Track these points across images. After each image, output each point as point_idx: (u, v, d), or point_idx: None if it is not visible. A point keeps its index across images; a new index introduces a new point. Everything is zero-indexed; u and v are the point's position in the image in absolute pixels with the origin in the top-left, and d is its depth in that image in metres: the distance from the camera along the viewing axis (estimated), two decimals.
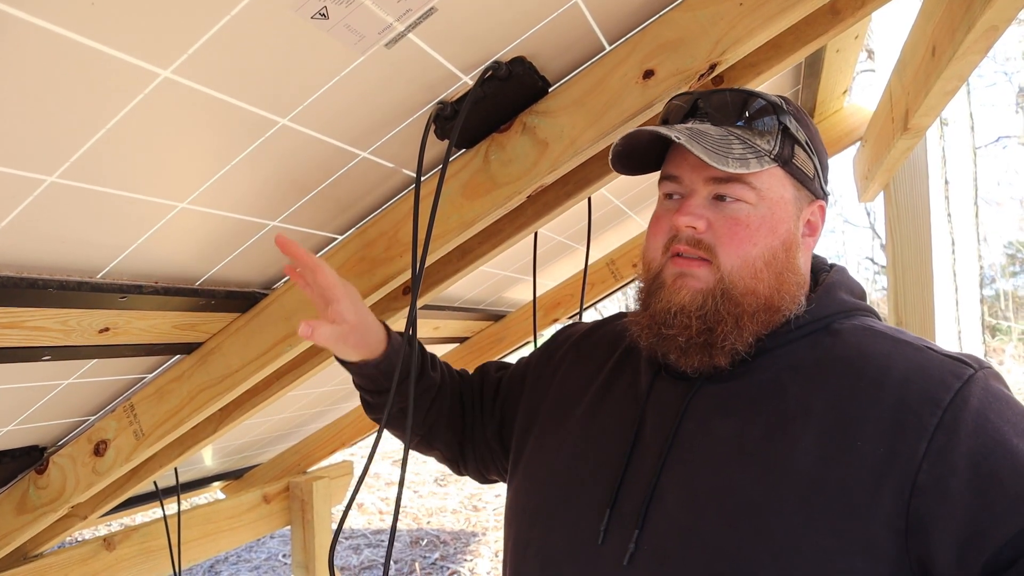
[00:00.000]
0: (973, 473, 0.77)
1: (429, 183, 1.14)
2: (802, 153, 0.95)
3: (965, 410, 0.80)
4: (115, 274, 1.01)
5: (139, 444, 1.33)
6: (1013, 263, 15.99)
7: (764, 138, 0.92)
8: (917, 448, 0.79)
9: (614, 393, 1.03)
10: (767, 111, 0.94)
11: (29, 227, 0.83)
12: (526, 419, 1.13)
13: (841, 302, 0.97)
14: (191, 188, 0.93)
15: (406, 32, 0.86)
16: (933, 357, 0.86)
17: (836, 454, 0.82)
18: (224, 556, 5.88)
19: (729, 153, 0.88)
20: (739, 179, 0.91)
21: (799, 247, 0.96)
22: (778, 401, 0.89)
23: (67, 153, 0.75)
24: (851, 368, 0.87)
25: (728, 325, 0.90)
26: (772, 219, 0.92)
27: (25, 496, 1.43)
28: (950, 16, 1.20)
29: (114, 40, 0.65)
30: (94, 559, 1.84)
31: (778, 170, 0.93)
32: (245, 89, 0.81)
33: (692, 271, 0.92)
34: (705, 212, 0.92)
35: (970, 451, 0.78)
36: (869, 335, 0.91)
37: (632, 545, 0.88)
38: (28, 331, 0.99)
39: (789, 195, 0.94)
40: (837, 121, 2.37)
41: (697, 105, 0.96)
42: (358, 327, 1.05)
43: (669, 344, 0.93)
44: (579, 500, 0.96)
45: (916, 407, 0.81)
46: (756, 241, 0.91)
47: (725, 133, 0.91)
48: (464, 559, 5.85)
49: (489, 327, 2.68)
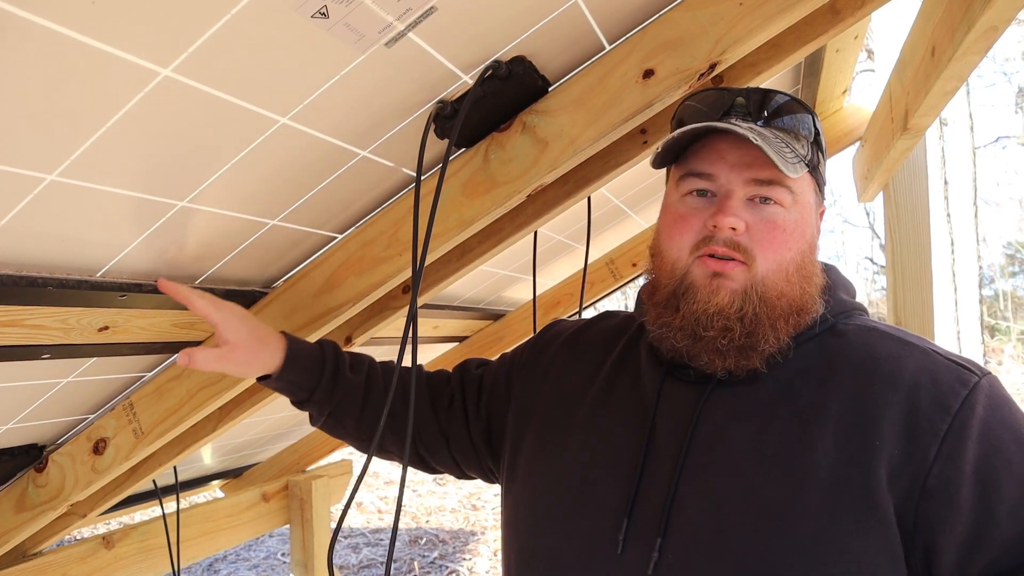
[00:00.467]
0: (977, 479, 0.80)
1: (429, 182, 1.14)
2: (823, 161, 0.97)
3: (972, 417, 0.82)
4: (115, 273, 1.01)
5: (138, 442, 1.33)
6: (1012, 263, 16.01)
7: (800, 142, 0.93)
8: (928, 452, 0.81)
9: (617, 395, 1.01)
10: (805, 117, 0.94)
11: (29, 225, 0.83)
12: (519, 420, 1.10)
13: (842, 303, 0.98)
14: (191, 187, 0.93)
15: (406, 31, 0.86)
16: (940, 361, 0.88)
17: (857, 455, 0.83)
18: (223, 555, 5.88)
19: (785, 156, 0.88)
20: (781, 182, 0.90)
21: (818, 251, 0.97)
22: (793, 404, 0.89)
23: (67, 151, 0.75)
24: (863, 369, 0.88)
25: (766, 328, 0.89)
26: (803, 224, 0.93)
27: (24, 494, 1.43)
28: (950, 16, 1.20)
29: (114, 39, 0.65)
30: (93, 557, 1.83)
31: (807, 175, 0.94)
32: (245, 88, 0.81)
33: (728, 272, 0.90)
34: (744, 214, 0.90)
35: (975, 457, 0.80)
36: (875, 335, 0.93)
37: (656, 553, 0.86)
38: (27, 329, 0.99)
39: (813, 200, 0.95)
40: (837, 121, 2.37)
41: (736, 102, 0.94)
42: (240, 346, 1.04)
43: (706, 346, 0.91)
44: (592, 507, 0.93)
45: (928, 412, 0.83)
46: (791, 246, 0.91)
47: (775, 135, 0.91)
48: (463, 558, 5.85)
49: (489, 326, 2.68)
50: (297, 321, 1.27)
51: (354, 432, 1.19)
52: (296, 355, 1.11)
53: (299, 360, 1.12)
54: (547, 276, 2.52)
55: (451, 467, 1.22)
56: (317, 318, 1.26)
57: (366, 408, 1.18)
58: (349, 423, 1.18)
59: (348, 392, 1.16)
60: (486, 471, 1.20)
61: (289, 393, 1.14)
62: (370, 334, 1.49)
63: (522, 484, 1.04)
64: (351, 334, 1.49)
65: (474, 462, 1.20)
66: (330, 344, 1.18)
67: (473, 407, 1.19)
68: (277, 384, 1.12)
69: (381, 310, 1.46)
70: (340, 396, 1.15)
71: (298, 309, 1.27)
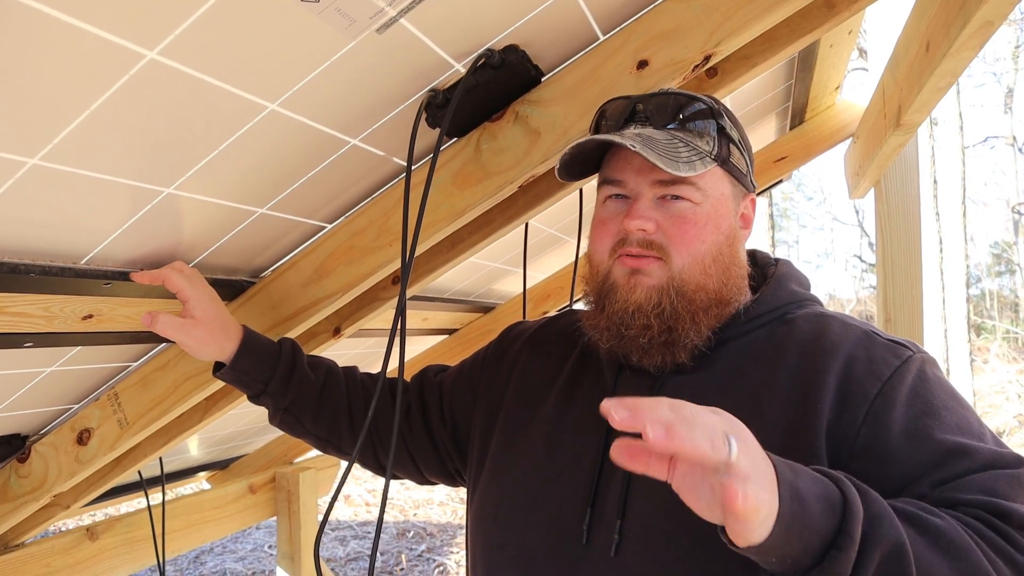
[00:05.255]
0: (907, 436, 0.84)
1: (420, 172, 1.13)
2: (736, 151, 0.99)
3: (902, 384, 0.87)
4: (99, 260, 1.00)
5: (123, 433, 1.32)
6: (999, 263, 16.14)
7: (703, 139, 0.96)
8: (858, 414, 0.86)
9: (580, 390, 1.04)
10: (704, 114, 0.97)
11: (10, 211, 0.81)
12: (486, 419, 1.12)
13: (792, 293, 1.01)
14: (178, 174, 0.91)
15: (398, 17, 0.84)
16: (878, 340, 0.93)
17: (802, 421, 0.87)
18: (209, 546, 5.86)
19: (678, 157, 0.91)
20: (685, 180, 0.93)
21: (740, 241, 1.00)
22: (744, 385, 0.93)
23: (50, 135, 0.74)
24: (808, 347, 0.93)
25: (686, 322, 0.93)
26: (716, 216, 0.95)
27: (6, 485, 1.41)
28: (945, 11, 1.19)
29: (99, 19, 0.63)
30: (77, 549, 1.82)
31: (718, 169, 0.96)
32: (233, 73, 0.79)
33: (644, 268, 0.93)
34: (653, 214, 0.94)
35: (903, 418, 0.85)
36: (821, 320, 0.97)
37: (616, 536, 0.89)
38: (9, 317, 0.97)
39: (728, 192, 0.98)
40: (829, 117, 2.37)
41: (636, 109, 0.97)
42: (202, 323, 1.08)
43: (631, 345, 0.95)
44: (556, 499, 0.96)
45: (860, 378, 0.88)
46: (704, 238, 0.94)
47: (670, 137, 0.94)
48: (450, 551, 5.85)
49: (478, 319, 2.67)
50: (285, 311, 1.26)
51: (312, 430, 1.19)
52: (252, 345, 1.13)
53: (254, 350, 1.13)
54: (537, 269, 2.51)
55: (412, 473, 1.23)
56: (305, 308, 1.25)
57: (323, 407, 1.18)
58: (306, 420, 1.18)
59: (304, 388, 1.16)
60: (450, 474, 1.21)
61: (244, 386, 1.15)
62: (359, 325, 1.48)
63: (489, 480, 1.06)
64: (340, 325, 1.48)
65: (436, 467, 1.21)
66: (289, 341, 1.19)
67: (436, 413, 1.19)
68: (232, 375, 1.13)
69: (370, 301, 1.45)
70: (295, 391, 1.15)
71: (286, 299, 1.26)
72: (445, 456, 1.19)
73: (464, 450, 1.17)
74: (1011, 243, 14.94)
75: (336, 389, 1.19)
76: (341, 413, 1.19)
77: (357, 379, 1.23)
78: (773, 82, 1.98)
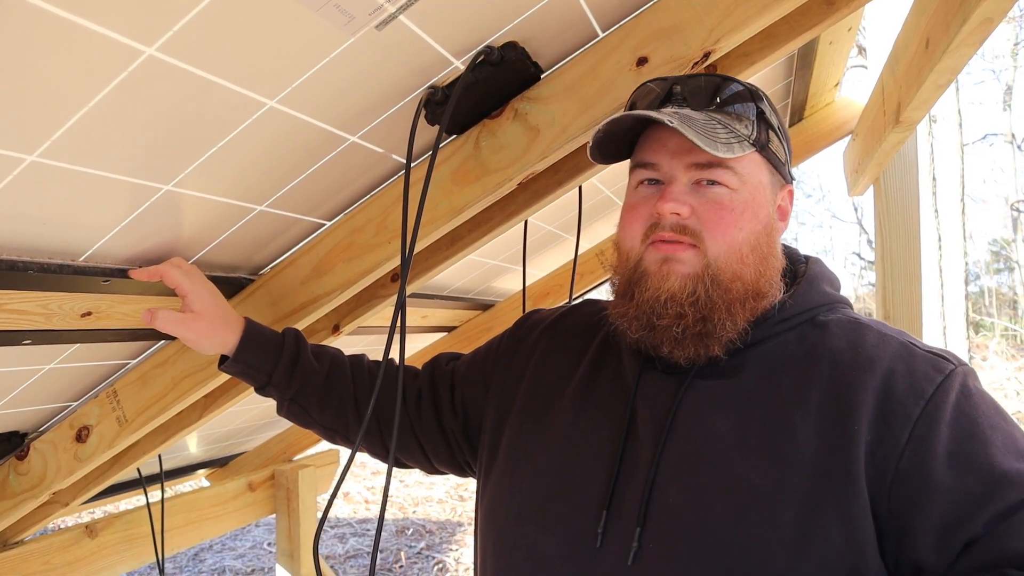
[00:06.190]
0: (951, 462, 0.80)
1: (419, 169, 1.13)
2: (775, 138, 0.95)
3: (946, 403, 0.82)
4: (98, 257, 0.99)
5: (122, 430, 1.32)
6: (997, 260, 16.15)
7: (742, 123, 0.92)
8: (901, 436, 0.81)
9: (599, 385, 1.00)
10: (743, 96, 0.93)
11: (8, 207, 0.81)
12: (499, 410, 1.08)
13: (824, 294, 0.97)
14: (176, 170, 0.91)
15: (397, 14, 0.84)
16: (917, 352, 0.88)
17: (838, 442, 0.83)
18: (208, 544, 5.86)
19: (716, 138, 0.87)
20: (722, 164, 0.89)
21: (777, 232, 0.96)
22: (774, 395, 0.88)
23: (48, 131, 0.73)
24: (842, 358, 0.88)
25: (722, 312, 0.88)
26: (754, 204, 0.92)
27: (5, 482, 1.41)
28: (945, 8, 1.19)
29: (97, 15, 0.63)
30: (76, 546, 1.82)
31: (756, 155, 0.93)
32: (232, 69, 0.79)
33: (678, 255, 0.89)
34: (688, 198, 0.90)
35: (948, 440, 0.80)
36: (856, 327, 0.92)
37: (635, 544, 0.85)
38: (8, 314, 0.97)
39: (766, 180, 0.94)
40: (828, 114, 2.36)
41: (673, 90, 0.94)
42: (203, 317, 1.08)
43: (663, 335, 0.90)
44: (571, 499, 0.92)
45: (902, 396, 0.83)
46: (741, 226, 0.90)
47: (707, 118, 0.90)
48: (450, 549, 5.86)
49: (477, 316, 2.67)
50: (284, 308, 1.26)
51: (318, 419, 1.18)
52: (254, 337, 1.12)
53: (257, 341, 1.12)
54: (537, 267, 2.51)
55: (421, 462, 1.21)
56: (305, 305, 1.25)
57: (328, 396, 1.16)
58: (313, 410, 1.17)
59: (308, 378, 1.15)
60: (460, 465, 1.19)
61: (249, 378, 1.14)
62: (358, 323, 1.48)
63: (502, 475, 1.02)
64: (339, 322, 1.48)
65: (446, 456, 1.18)
66: (293, 331, 1.18)
67: (447, 402, 1.17)
68: (236, 367, 1.12)
69: (369, 298, 1.45)
70: (300, 381, 1.14)
71: (285, 296, 1.26)
72: (455, 446, 1.17)
73: (475, 442, 1.14)
74: (1010, 240, 14.94)
75: (341, 378, 1.18)
76: (347, 402, 1.17)
77: (364, 367, 1.21)
78: (772, 79, 1.97)
